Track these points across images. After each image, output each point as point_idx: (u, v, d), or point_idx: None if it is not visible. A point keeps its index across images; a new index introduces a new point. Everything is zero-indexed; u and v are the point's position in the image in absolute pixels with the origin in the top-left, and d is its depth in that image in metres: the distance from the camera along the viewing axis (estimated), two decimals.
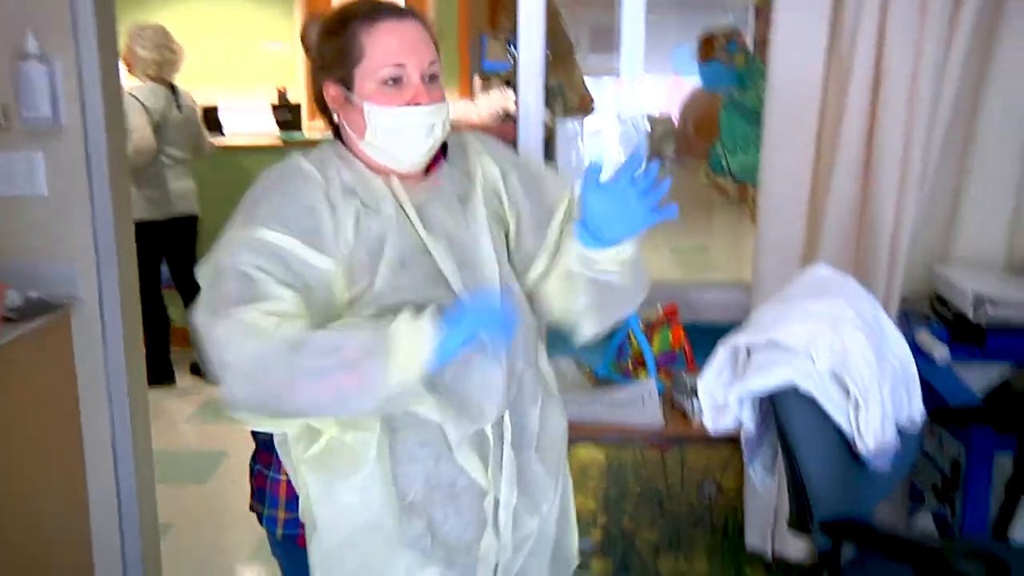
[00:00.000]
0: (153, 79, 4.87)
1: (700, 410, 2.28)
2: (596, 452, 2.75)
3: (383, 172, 1.73)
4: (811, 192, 2.99)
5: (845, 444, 2.03)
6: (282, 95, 6.88)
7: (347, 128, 1.73)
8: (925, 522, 2.84)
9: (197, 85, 6.11)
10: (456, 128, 1.78)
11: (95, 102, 2.82)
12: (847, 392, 2.03)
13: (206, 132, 5.51)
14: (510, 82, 7.35)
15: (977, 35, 2.87)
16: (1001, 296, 2.76)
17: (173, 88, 5.05)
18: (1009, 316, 2.74)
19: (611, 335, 2.94)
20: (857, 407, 2.03)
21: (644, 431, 2.73)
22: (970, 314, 2.76)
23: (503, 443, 1.78)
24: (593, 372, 3.03)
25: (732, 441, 2.47)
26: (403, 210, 1.72)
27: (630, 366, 2.98)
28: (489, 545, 1.81)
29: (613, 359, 3.00)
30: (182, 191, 5.06)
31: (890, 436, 2.11)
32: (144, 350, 3.21)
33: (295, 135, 5.82)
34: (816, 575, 2.34)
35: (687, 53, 5.64)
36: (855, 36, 2.83)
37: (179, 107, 5.03)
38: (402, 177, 1.74)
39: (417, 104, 1.66)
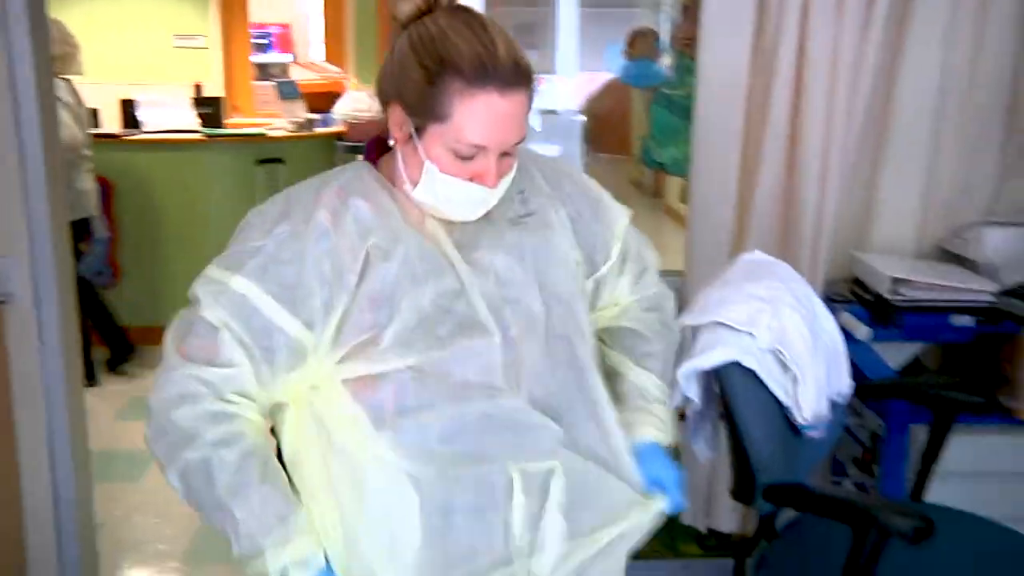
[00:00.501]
0: (56, 75, 4.75)
1: None
2: None
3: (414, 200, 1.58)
4: (739, 183, 3.06)
5: (784, 415, 2.11)
6: (198, 89, 6.82)
7: (399, 159, 1.54)
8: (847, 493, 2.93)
9: (112, 80, 6.04)
10: (380, 124, 1.54)
11: (28, 99, 2.73)
12: (785, 367, 2.11)
13: None
14: None
15: (888, 33, 2.97)
16: (914, 278, 2.86)
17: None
18: (921, 298, 2.84)
19: None
20: (795, 381, 2.11)
21: None
22: (888, 296, 2.85)
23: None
24: None
25: None
26: (442, 252, 1.55)
27: None
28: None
29: None
30: (88, 191, 4.87)
31: (823, 407, 2.21)
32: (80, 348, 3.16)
33: (218, 130, 5.76)
34: (750, 544, 2.41)
35: (617, 51, 5.77)
36: (778, 36, 2.90)
37: (79, 103, 4.88)
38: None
39: (481, 183, 1.50)
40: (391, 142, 1.55)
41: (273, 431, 1.63)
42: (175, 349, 1.50)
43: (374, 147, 1.63)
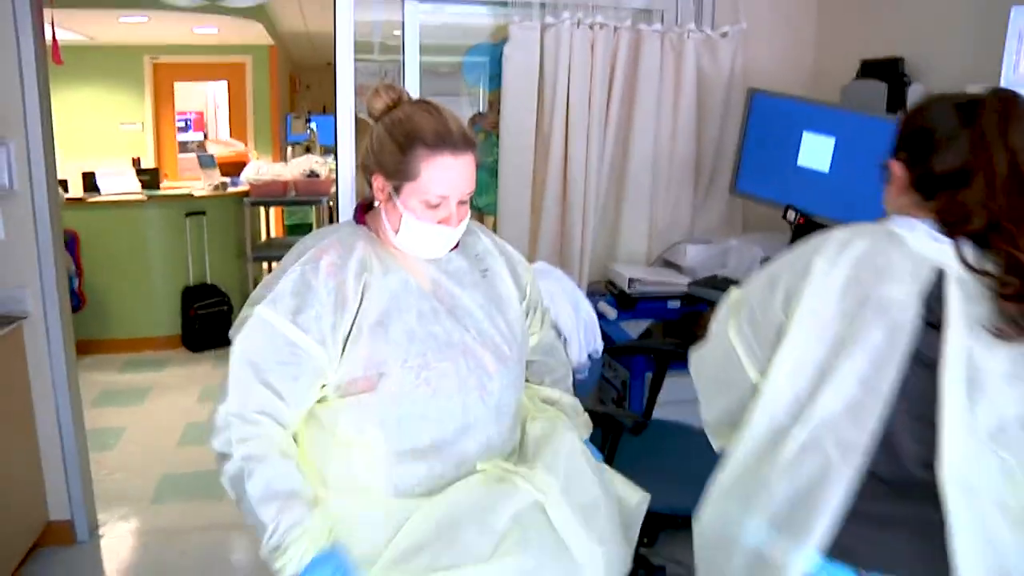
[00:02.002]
0: None
1: None
2: None
3: (398, 249, 1.53)
4: (530, 219, 3.17)
5: None
6: (136, 163, 6.80)
7: (383, 216, 1.51)
8: None
9: (76, 157, 6.01)
10: (277, 183, 1.70)
11: (39, 172, 2.80)
12: (559, 333, 2.29)
13: None
14: (309, 148, 7.57)
15: (620, 119, 3.15)
16: (644, 278, 3.05)
17: None
18: (649, 290, 3.03)
19: None
20: (566, 342, 2.32)
21: None
22: (628, 290, 3.03)
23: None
24: None
25: None
26: (423, 286, 1.51)
27: None
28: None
29: None
30: None
31: (584, 358, 2.41)
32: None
33: (155, 192, 5.77)
34: None
35: None
36: (551, 122, 3.05)
37: None
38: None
39: (447, 225, 1.47)
40: (376, 203, 1.52)
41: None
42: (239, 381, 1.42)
43: (360, 210, 1.59)
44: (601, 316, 2.79)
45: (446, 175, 1.45)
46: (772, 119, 2.95)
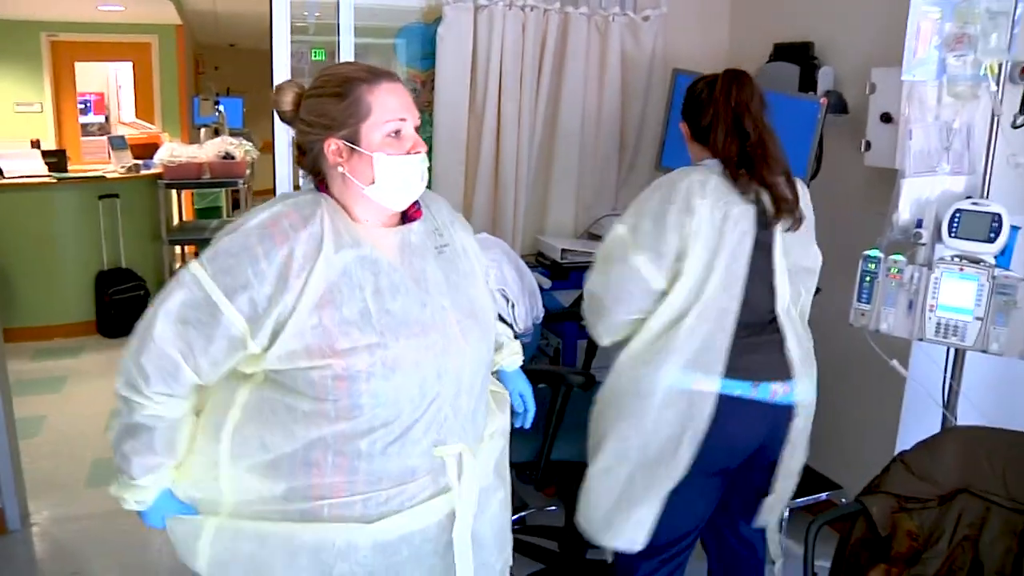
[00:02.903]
0: None
1: None
2: None
3: (361, 222, 1.43)
4: (463, 195, 3.27)
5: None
6: (35, 145, 6.57)
7: (349, 179, 1.40)
8: None
9: None
10: (192, 165, 1.66)
11: None
12: (508, 299, 2.46)
13: None
14: (218, 131, 7.46)
15: (550, 97, 3.30)
16: (574, 249, 3.19)
17: None
18: (579, 261, 3.12)
19: None
20: (513, 307, 2.46)
21: None
22: (560, 260, 3.17)
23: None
24: None
25: None
26: (386, 259, 1.42)
27: None
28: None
29: None
30: None
31: (530, 324, 2.55)
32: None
33: (65, 174, 5.60)
34: None
35: None
36: (484, 101, 3.16)
37: None
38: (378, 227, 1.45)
39: (417, 152, 1.41)
40: (340, 169, 1.41)
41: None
42: (143, 344, 1.40)
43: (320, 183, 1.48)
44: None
45: (394, 98, 1.40)
46: None
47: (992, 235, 2.29)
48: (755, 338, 1.96)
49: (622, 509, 2.00)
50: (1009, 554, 1.94)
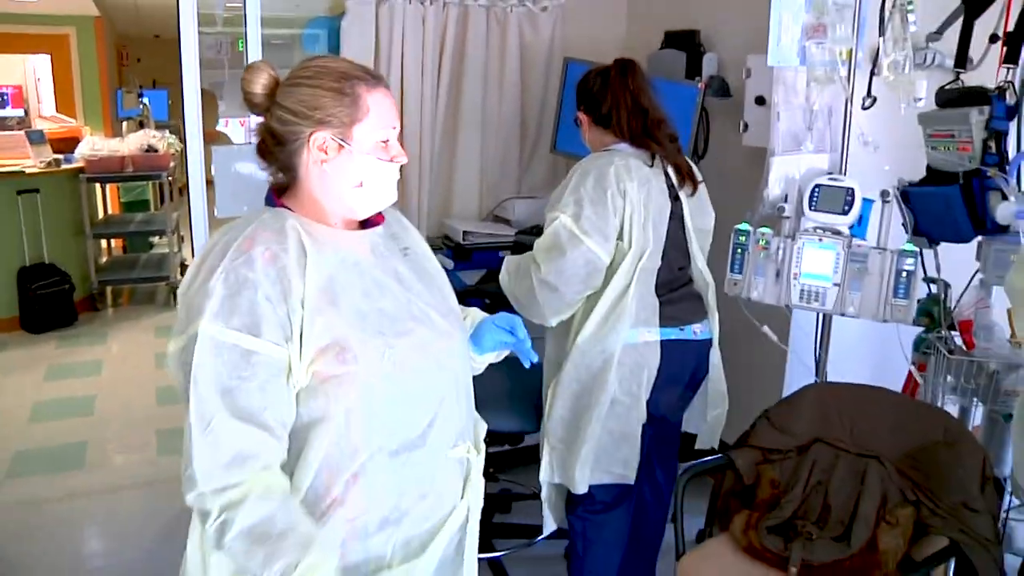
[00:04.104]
0: None
1: None
2: None
3: (331, 224, 1.36)
4: None
5: None
6: None
7: (330, 177, 1.33)
8: None
9: None
10: (114, 159, 1.54)
11: None
12: None
13: None
14: (143, 123, 7.41)
15: (451, 81, 3.40)
16: (477, 231, 3.33)
17: None
18: (482, 242, 3.29)
19: None
20: None
21: None
22: (463, 243, 3.29)
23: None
24: None
25: None
26: (364, 263, 1.35)
27: None
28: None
29: None
30: None
31: None
32: None
33: None
34: None
35: None
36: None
37: None
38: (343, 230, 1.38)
39: (399, 160, 1.36)
40: (323, 166, 1.33)
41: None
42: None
43: (274, 193, 1.40)
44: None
45: (389, 104, 1.36)
46: None
47: (847, 208, 2.49)
48: (675, 292, 2.34)
49: (607, 453, 2.32)
50: (853, 494, 2.15)
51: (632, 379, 2.29)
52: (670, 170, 2.33)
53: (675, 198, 2.33)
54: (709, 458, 2.35)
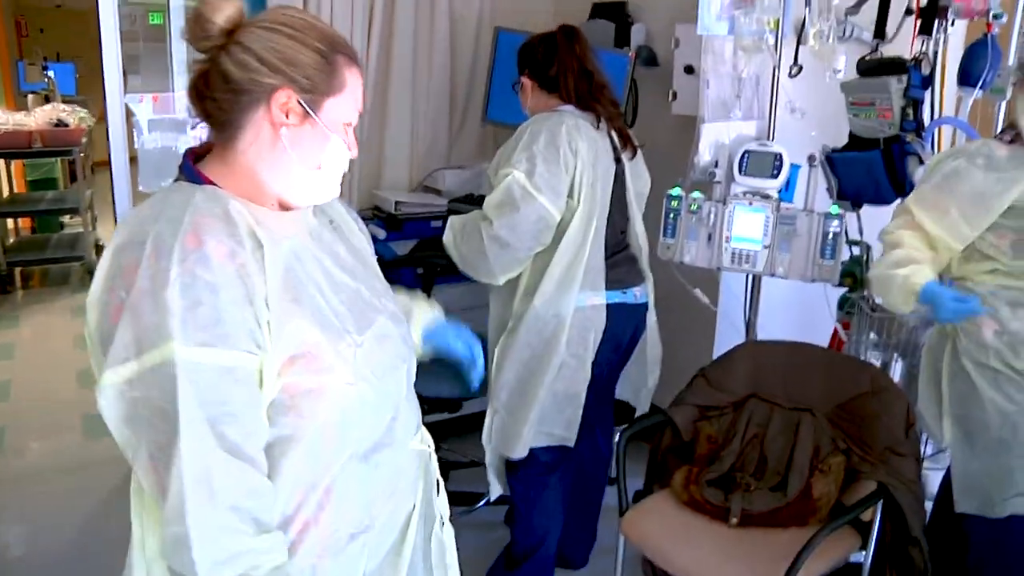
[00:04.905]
0: None
1: None
2: None
3: (266, 205, 1.15)
4: None
5: None
6: None
7: (286, 150, 1.13)
8: None
9: None
10: (21, 133, 1.37)
11: None
12: None
13: None
14: (48, 97, 7.08)
15: (381, 52, 3.36)
16: (408, 202, 3.32)
17: None
18: (413, 212, 3.27)
19: None
20: None
21: None
22: (395, 213, 3.27)
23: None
24: None
25: None
26: (301, 246, 1.16)
27: None
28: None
29: None
30: None
31: None
32: None
33: None
34: None
35: None
36: None
37: None
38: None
39: (351, 150, 1.19)
40: (282, 131, 1.12)
41: None
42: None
43: (190, 157, 1.17)
44: (375, 240, 2.96)
45: (360, 88, 1.19)
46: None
47: (775, 172, 2.56)
48: (618, 256, 2.39)
49: (550, 415, 2.36)
50: (787, 446, 2.23)
51: (580, 342, 2.33)
52: (613, 134, 2.38)
53: (617, 160, 2.39)
54: (649, 417, 2.40)
